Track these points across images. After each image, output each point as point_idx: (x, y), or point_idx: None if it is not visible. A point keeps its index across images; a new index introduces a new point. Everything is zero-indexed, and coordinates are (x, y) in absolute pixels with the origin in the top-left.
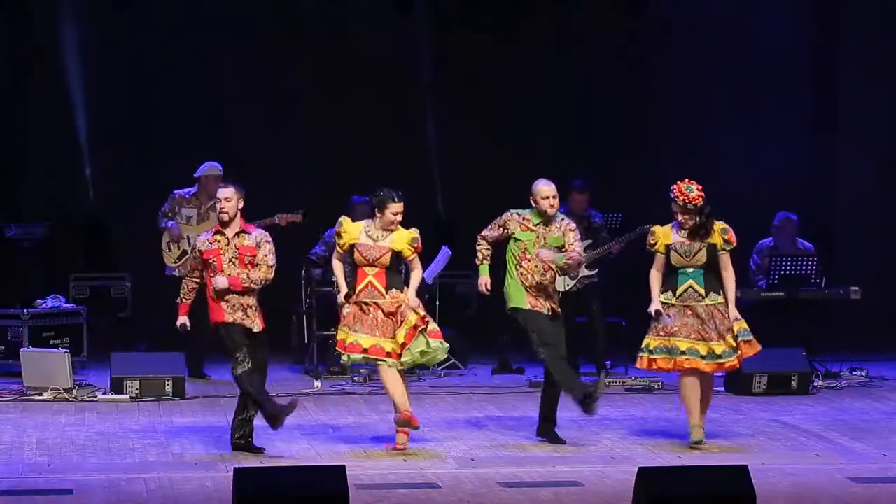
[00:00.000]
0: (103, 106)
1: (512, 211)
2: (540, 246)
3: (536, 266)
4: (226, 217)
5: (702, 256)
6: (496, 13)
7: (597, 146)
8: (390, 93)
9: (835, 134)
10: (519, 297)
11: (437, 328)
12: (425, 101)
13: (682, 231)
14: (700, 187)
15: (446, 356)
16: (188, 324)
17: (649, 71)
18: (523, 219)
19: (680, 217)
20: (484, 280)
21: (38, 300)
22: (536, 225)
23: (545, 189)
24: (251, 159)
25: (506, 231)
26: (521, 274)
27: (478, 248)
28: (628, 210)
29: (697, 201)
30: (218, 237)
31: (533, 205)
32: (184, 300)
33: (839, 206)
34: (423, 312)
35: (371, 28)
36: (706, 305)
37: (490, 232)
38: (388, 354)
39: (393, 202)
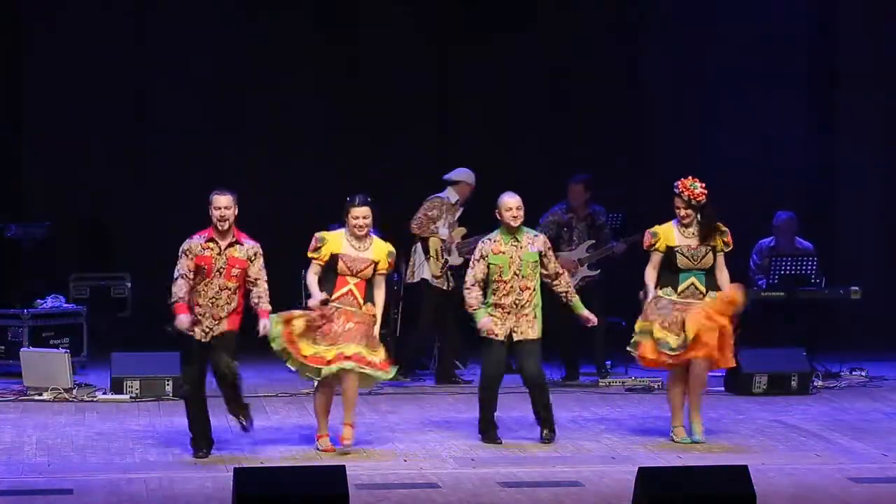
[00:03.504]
0: (103, 106)
1: (482, 240)
2: (517, 266)
3: (512, 287)
4: (226, 225)
5: (709, 259)
6: (496, 12)
7: (597, 146)
8: (393, 91)
9: (835, 133)
10: (483, 326)
11: (383, 357)
12: (428, 101)
13: (686, 230)
14: (704, 185)
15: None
16: (192, 320)
17: (649, 71)
18: (493, 242)
19: (682, 212)
20: (485, 321)
21: (38, 300)
22: (507, 243)
23: (509, 201)
24: (252, 160)
25: (485, 259)
26: (498, 297)
27: (469, 296)
28: (628, 210)
29: (700, 198)
30: (211, 245)
31: (498, 218)
32: (182, 299)
33: (839, 206)
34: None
35: (373, 25)
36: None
37: (476, 270)
38: (349, 357)
39: (353, 206)
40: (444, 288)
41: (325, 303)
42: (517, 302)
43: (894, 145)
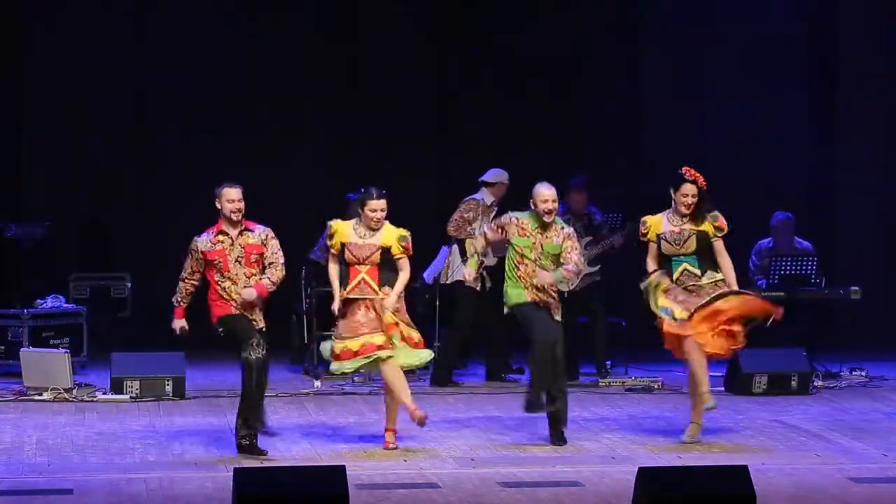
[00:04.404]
0: (103, 106)
1: (510, 214)
2: (538, 253)
3: (534, 270)
4: (239, 216)
5: (691, 244)
6: (496, 12)
7: (597, 146)
8: (393, 91)
9: (835, 133)
10: (518, 295)
11: (419, 337)
12: (428, 101)
13: (676, 219)
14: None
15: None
16: (187, 326)
17: (649, 72)
18: (521, 224)
19: (690, 199)
20: (468, 271)
21: (38, 300)
22: (534, 230)
23: (545, 192)
24: (252, 159)
25: (504, 233)
26: (520, 277)
27: (475, 242)
28: (628, 210)
29: (703, 183)
30: (221, 237)
31: (532, 208)
32: (181, 303)
33: (839, 206)
34: (396, 319)
35: (373, 25)
36: (706, 284)
37: (490, 232)
38: (380, 347)
39: (371, 199)
40: (477, 289)
41: (341, 312)
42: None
43: (894, 145)
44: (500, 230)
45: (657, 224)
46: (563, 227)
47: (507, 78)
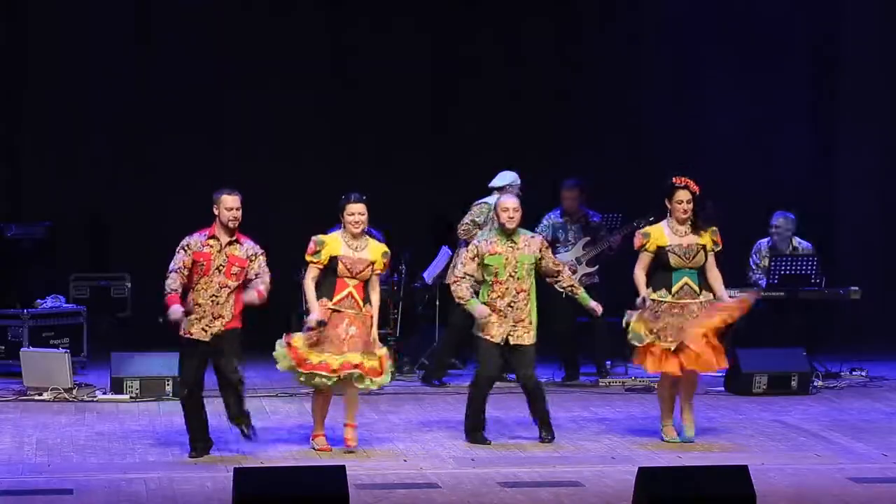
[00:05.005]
0: (104, 106)
1: (477, 240)
2: (512, 268)
3: (507, 289)
4: (236, 224)
5: (700, 258)
6: (496, 11)
7: (597, 146)
8: (390, 92)
9: (835, 133)
10: (480, 323)
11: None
12: (425, 101)
13: (679, 228)
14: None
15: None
16: (184, 311)
17: (648, 71)
18: (490, 243)
19: (685, 206)
20: (480, 309)
21: (38, 300)
22: (503, 245)
23: (506, 202)
24: (251, 161)
25: (479, 259)
26: (493, 298)
27: (460, 288)
28: (628, 210)
29: (695, 188)
30: (211, 241)
31: (496, 220)
32: (174, 291)
33: (839, 206)
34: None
35: (373, 24)
36: (700, 302)
37: (467, 267)
38: (356, 366)
39: (349, 203)
40: None
41: (320, 324)
42: (512, 304)
43: (894, 145)
44: (474, 259)
45: (659, 236)
46: (532, 236)
47: (507, 77)
